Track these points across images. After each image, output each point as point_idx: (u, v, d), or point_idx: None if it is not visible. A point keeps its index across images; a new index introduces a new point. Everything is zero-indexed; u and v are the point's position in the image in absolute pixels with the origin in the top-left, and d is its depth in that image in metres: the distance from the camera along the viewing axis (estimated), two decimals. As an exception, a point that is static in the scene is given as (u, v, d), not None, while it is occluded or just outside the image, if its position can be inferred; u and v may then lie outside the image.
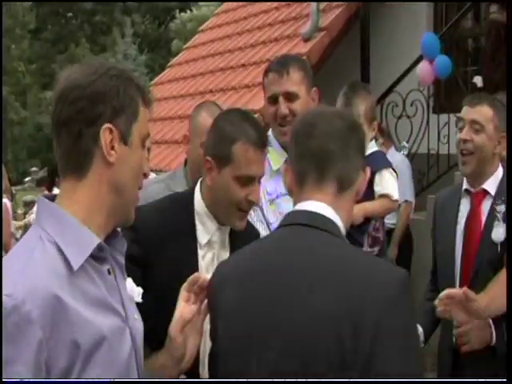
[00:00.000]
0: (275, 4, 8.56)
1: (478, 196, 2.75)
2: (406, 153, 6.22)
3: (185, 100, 8.06)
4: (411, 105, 6.37)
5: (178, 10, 28.13)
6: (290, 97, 2.75)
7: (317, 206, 1.62)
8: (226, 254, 2.14)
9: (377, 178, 3.00)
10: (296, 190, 1.67)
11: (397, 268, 1.58)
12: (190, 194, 2.18)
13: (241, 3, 9.69)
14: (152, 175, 3.72)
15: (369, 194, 2.93)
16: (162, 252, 2.03)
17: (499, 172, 2.75)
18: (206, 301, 1.77)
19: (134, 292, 1.69)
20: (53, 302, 1.32)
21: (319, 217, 1.61)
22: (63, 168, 1.50)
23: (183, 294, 1.78)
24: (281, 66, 2.78)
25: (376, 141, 3.48)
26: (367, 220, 2.93)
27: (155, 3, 30.88)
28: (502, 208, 2.65)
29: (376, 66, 6.79)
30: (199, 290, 1.77)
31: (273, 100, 2.76)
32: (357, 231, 2.86)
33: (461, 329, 2.50)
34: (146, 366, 1.63)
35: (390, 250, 5.26)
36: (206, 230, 2.13)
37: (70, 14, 31.78)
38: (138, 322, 1.58)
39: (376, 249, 3.00)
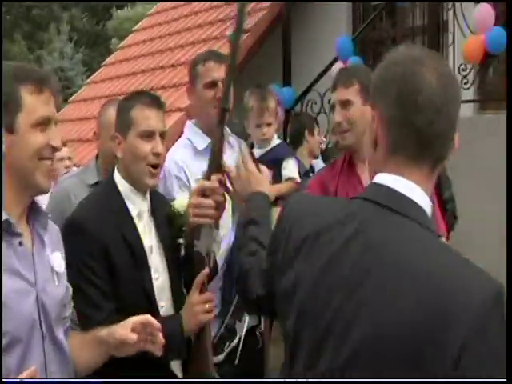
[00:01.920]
0: (205, 5, 8.88)
1: None
2: (323, 146, 6.65)
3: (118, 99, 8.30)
4: (328, 102, 6.79)
5: (114, 8, 28.06)
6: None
7: (409, 187, 1.42)
8: (151, 222, 2.52)
9: (284, 163, 3.48)
10: (384, 155, 1.46)
11: (493, 281, 1.32)
12: (110, 180, 2.54)
13: (172, 4, 9.97)
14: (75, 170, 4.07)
15: (276, 178, 3.41)
16: (111, 236, 2.38)
17: None
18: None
19: (56, 263, 1.96)
20: None
21: (412, 204, 1.41)
22: None
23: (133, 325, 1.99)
24: (218, 57, 3.21)
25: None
26: (277, 198, 3.30)
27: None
28: None
29: (297, 66, 7.21)
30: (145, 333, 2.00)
31: (211, 85, 3.14)
32: None
33: None
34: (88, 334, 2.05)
35: None
36: (133, 203, 2.50)
37: (4, 10, 31.18)
38: (53, 287, 1.90)
39: None
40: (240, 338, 3.20)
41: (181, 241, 2.57)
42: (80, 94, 10.32)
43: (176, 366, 2.54)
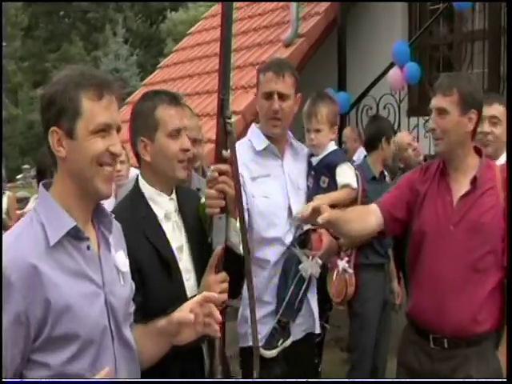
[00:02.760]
0: (259, 10, 8.95)
1: None
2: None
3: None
4: (384, 108, 6.78)
5: (169, 10, 28.46)
6: (284, 97, 3.21)
7: None
8: (180, 220, 2.54)
9: (338, 170, 3.42)
10: None
11: None
12: (136, 187, 2.55)
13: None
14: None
15: (332, 185, 3.40)
16: (138, 241, 2.38)
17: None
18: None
19: (120, 263, 2.02)
20: (29, 269, 1.72)
21: None
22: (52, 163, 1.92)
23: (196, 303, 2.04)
24: (279, 68, 3.23)
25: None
26: (333, 206, 3.21)
27: (147, 3, 31.23)
28: None
29: (352, 71, 7.21)
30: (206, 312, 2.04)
31: (268, 96, 3.22)
32: None
33: None
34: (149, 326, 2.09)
35: None
36: (159, 206, 2.50)
37: (62, 13, 31.92)
38: (119, 288, 1.97)
39: None
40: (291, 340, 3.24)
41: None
42: (136, 95, 10.49)
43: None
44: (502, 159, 3.44)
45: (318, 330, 3.44)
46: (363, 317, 4.68)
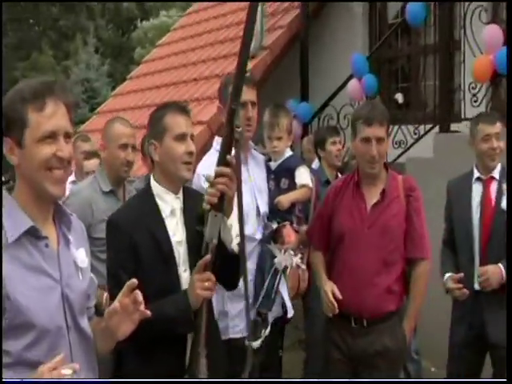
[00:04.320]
0: (227, 22, 9.23)
1: (488, 181, 4.03)
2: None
3: (142, 111, 8.65)
4: (344, 118, 7.07)
5: (139, 19, 28.59)
6: (254, 105, 3.59)
7: None
8: (183, 217, 2.84)
9: (296, 172, 3.81)
10: None
11: None
12: (147, 184, 2.90)
13: (195, 19, 10.33)
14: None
15: (291, 185, 3.78)
16: (140, 233, 2.72)
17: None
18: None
19: (79, 259, 2.22)
20: None
21: None
22: None
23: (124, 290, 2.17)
24: (248, 80, 3.51)
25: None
26: (293, 205, 3.76)
27: (118, 13, 31.32)
28: (505, 186, 3.94)
29: (314, 83, 7.51)
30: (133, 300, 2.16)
31: (244, 104, 3.51)
32: (286, 213, 3.72)
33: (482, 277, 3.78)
34: (98, 323, 2.28)
35: None
36: (166, 203, 2.82)
37: (31, 20, 31.78)
38: (77, 282, 2.17)
39: (303, 228, 3.81)
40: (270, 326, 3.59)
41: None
42: (106, 105, 10.69)
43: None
44: (496, 171, 4.08)
45: (290, 314, 3.78)
46: (314, 311, 4.93)
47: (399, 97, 6.71)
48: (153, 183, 2.86)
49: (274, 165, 3.85)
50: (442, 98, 6.54)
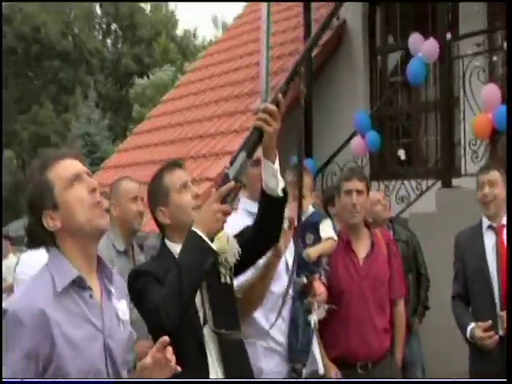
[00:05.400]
0: (230, 80, 9.48)
1: (500, 228, 4.08)
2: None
3: (148, 167, 8.81)
4: (348, 174, 7.25)
5: (135, 76, 29.06)
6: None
7: None
8: None
9: (321, 226, 3.90)
10: None
11: None
12: (162, 249, 2.89)
13: (199, 77, 10.59)
14: None
15: (316, 240, 3.86)
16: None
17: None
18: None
19: (121, 311, 2.30)
20: (38, 313, 2.05)
21: None
22: None
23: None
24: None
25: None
26: (319, 258, 3.83)
27: (117, 67, 31.90)
28: None
29: (318, 140, 7.71)
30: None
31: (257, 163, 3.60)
32: (313, 266, 3.79)
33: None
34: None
35: None
36: None
37: (31, 74, 32.28)
38: (118, 333, 2.25)
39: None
40: None
41: (222, 270, 2.85)
42: (110, 161, 10.85)
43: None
44: (503, 220, 4.09)
45: (321, 371, 3.73)
46: None
47: (401, 153, 6.91)
48: (169, 244, 2.87)
49: None
50: (443, 153, 6.74)
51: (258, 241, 2.89)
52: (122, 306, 2.33)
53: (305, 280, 3.73)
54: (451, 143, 6.88)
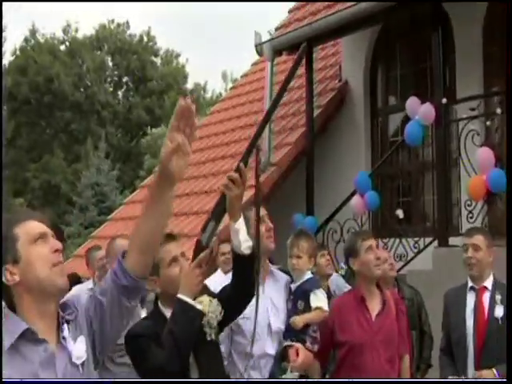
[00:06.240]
0: (235, 138, 9.77)
1: (481, 290, 4.41)
2: (343, 273, 7.21)
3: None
4: (347, 231, 7.41)
5: (149, 127, 29.59)
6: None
7: None
8: None
9: (312, 295, 4.12)
10: None
11: None
12: (156, 308, 3.18)
13: (205, 133, 10.88)
14: None
15: (306, 307, 4.09)
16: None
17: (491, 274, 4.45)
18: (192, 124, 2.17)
19: (75, 355, 2.24)
20: None
21: None
22: None
23: (173, 124, 2.17)
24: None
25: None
26: (307, 325, 4.05)
27: (128, 118, 32.49)
28: (498, 297, 4.32)
29: (319, 197, 7.93)
30: (185, 114, 2.16)
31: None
32: (300, 332, 4.03)
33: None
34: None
35: None
36: None
37: (44, 124, 32.83)
38: (74, 375, 2.18)
39: (316, 346, 4.07)
40: None
41: (207, 330, 3.10)
42: (118, 212, 11.06)
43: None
44: (488, 282, 4.43)
45: None
46: None
47: (400, 212, 7.11)
48: (161, 306, 3.13)
49: (293, 286, 4.20)
50: (440, 213, 6.92)
51: (235, 297, 3.17)
52: (79, 345, 2.26)
53: (284, 344, 3.98)
54: (449, 203, 7.08)
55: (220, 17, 53.48)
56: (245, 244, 3.09)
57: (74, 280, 6.39)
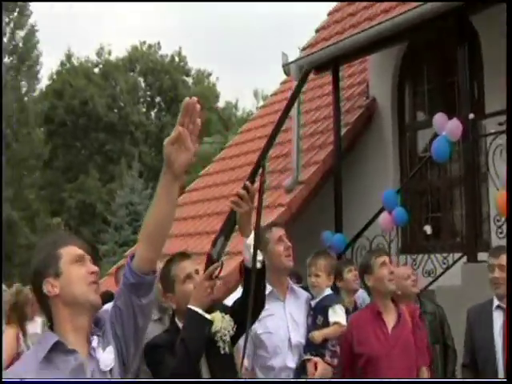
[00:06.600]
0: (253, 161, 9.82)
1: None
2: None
3: (184, 239, 9.14)
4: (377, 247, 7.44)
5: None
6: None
7: None
8: None
9: (330, 311, 4.29)
10: None
11: None
12: (173, 324, 3.38)
13: (220, 168, 10.99)
14: None
15: (325, 322, 4.25)
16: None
17: None
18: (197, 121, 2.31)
19: (102, 364, 2.38)
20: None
21: None
22: None
23: (179, 119, 2.32)
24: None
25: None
26: (326, 339, 4.22)
27: (160, 138, 32.86)
28: None
29: (348, 214, 7.96)
30: (190, 110, 2.30)
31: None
32: (319, 347, 4.19)
33: None
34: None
35: None
36: None
37: (79, 145, 33.41)
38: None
39: (335, 360, 4.23)
40: None
41: (220, 344, 3.26)
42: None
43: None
44: None
45: None
46: None
47: (428, 228, 7.12)
48: (177, 320, 3.34)
49: (313, 303, 4.35)
50: (468, 228, 6.90)
51: (245, 310, 3.26)
52: (108, 354, 2.41)
53: (305, 358, 4.13)
54: (478, 218, 7.05)
55: (250, 35, 53.84)
56: (257, 258, 3.22)
57: (108, 297, 6.52)
